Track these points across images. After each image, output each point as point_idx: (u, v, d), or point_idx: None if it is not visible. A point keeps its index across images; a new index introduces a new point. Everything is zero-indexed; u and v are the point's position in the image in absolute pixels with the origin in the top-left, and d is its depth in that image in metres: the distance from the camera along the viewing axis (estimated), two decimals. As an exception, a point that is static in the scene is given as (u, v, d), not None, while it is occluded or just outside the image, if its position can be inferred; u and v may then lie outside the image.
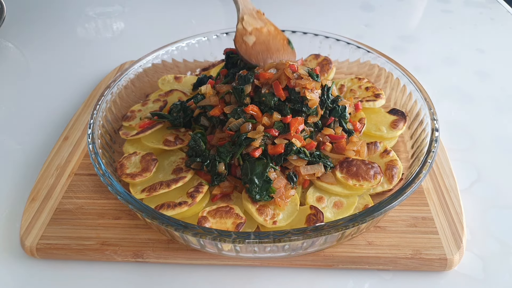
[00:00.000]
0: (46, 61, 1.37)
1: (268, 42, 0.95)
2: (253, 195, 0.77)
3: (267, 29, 0.96)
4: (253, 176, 0.78)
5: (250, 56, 0.93)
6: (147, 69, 1.08)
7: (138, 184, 0.84)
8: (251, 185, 0.78)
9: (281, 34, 0.98)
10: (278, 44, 0.96)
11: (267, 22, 0.98)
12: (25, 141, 1.06)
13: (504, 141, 1.02)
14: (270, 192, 0.78)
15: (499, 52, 1.35)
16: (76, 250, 0.77)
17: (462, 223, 0.79)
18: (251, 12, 0.97)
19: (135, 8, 1.67)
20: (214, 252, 0.74)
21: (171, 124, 0.94)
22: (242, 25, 0.95)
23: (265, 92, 0.85)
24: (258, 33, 0.95)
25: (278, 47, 0.96)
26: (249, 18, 0.95)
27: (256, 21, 0.96)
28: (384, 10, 1.61)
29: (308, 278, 0.76)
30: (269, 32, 0.96)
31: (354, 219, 0.67)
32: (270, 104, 0.84)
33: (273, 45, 0.96)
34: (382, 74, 1.05)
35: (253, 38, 0.94)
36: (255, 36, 0.94)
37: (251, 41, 0.93)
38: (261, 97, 0.85)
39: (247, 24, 0.94)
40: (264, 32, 0.95)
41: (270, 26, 0.97)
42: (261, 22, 0.96)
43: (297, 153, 0.81)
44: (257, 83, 0.85)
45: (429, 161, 0.77)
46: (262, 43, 0.95)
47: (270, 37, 0.96)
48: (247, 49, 0.93)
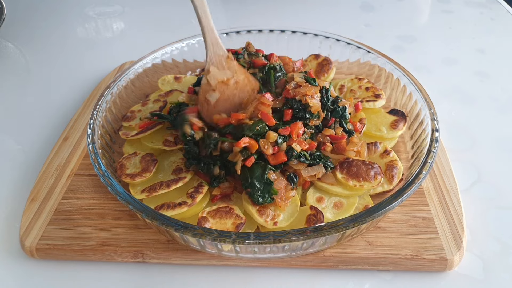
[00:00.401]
0: (46, 61, 1.37)
1: (233, 97, 0.88)
2: (256, 198, 0.77)
3: (235, 80, 0.88)
4: (253, 180, 0.77)
5: (211, 117, 0.86)
6: (147, 69, 1.08)
7: (138, 184, 0.83)
8: (253, 189, 0.77)
9: (251, 84, 0.90)
10: (244, 97, 0.88)
11: (237, 70, 0.89)
12: (25, 141, 1.06)
13: (505, 141, 1.02)
14: (272, 194, 0.77)
15: (500, 52, 1.35)
16: (76, 251, 0.77)
17: (462, 224, 0.79)
18: (220, 60, 0.88)
19: (135, 8, 1.67)
20: (214, 252, 0.73)
21: (171, 125, 0.94)
22: (207, 79, 0.87)
23: (253, 121, 0.81)
24: (224, 87, 0.87)
25: (243, 100, 0.88)
26: (215, 70, 0.87)
27: (224, 71, 0.88)
28: (384, 10, 1.61)
29: (308, 278, 0.76)
30: (237, 83, 0.88)
31: (354, 219, 0.67)
32: (263, 130, 0.81)
33: (238, 100, 0.88)
34: (382, 74, 1.05)
35: (217, 95, 0.86)
36: (219, 92, 0.86)
37: (214, 98, 0.86)
38: (250, 130, 0.80)
39: (211, 78, 0.86)
40: (230, 86, 0.87)
41: (240, 75, 0.89)
42: (230, 72, 0.88)
43: (298, 157, 0.81)
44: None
45: (429, 162, 0.76)
46: (226, 100, 0.87)
47: (236, 90, 0.88)
48: (208, 109, 0.86)
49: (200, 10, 0.86)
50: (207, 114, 0.87)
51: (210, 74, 0.87)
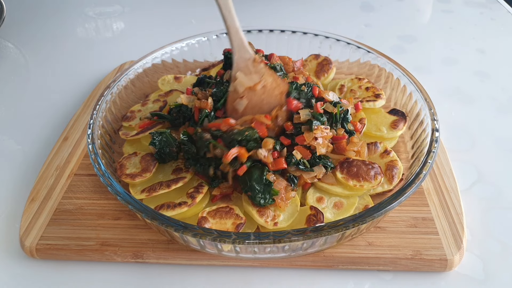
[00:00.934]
0: (46, 61, 1.37)
1: (261, 103, 0.84)
2: (257, 201, 0.76)
3: (263, 84, 0.84)
4: (253, 183, 0.77)
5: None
6: (147, 69, 1.08)
7: (138, 184, 0.83)
8: (253, 192, 0.77)
9: (279, 87, 0.86)
10: (273, 103, 0.85)
11: (265, 73, 0.85)
12: (25, 141, 1.06)
13: (505, 141, 1.02)
14: (273, 195, 0.77)
15: (500, 52, 1.35)
16: (76, 251, 0.77)
17: (462, 224, 0.79)
18: (246, 64, 0.85)
19: (135, 8, 1.67)
20: (214, 252, 0.73)
21: (171, 125, 0.94)
22: (234, 86, 0.84)
23: (244, 127, 0.80)
24: (251, 93, 0.83)
25: (273, 107, 0.85)
26: (242, 75, 0.84)
27: (250, 76, 0.84)
28: (384, 10, 1.61)
29: (308, 278, 0.76)
30: (265, 88, 0.84)
31: (354, 219, 0.67)
32: (253, 136, 0.79)
33: (267, 106, 0.84)
34: (382, 74, 1.05)
35: (245, 102, 0.83)
36: (247, 99, 0.83)
37: (241, 106, 0.83)
38: (239, 134, 0.79)
39: (239, 84, 0.83)
40: (258, 92, 0.83)
41: (267, 77, 0.85)
42: (257, 75, 0.84)
43: (297, 164, 0.81)
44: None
45: (430, 162, 0.76)
46: (254, 106, 0.84)
47: (264, 95, 0.84)
48: (236, 118, 0.84)
49: (225, 10, 0.82)
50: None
51: (237, 81, 0.84)
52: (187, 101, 0.91)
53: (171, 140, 0.85)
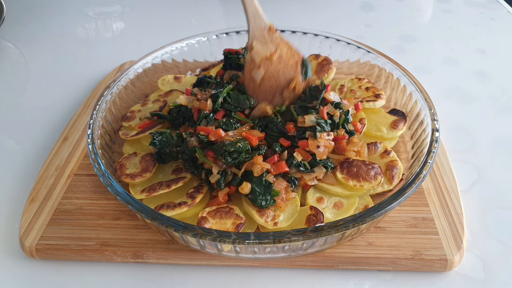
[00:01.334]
0: (46, 61, 1.37)
1: (277, 73, 0.84)
2: (259, 203, 0.76)
3: (279, 54, 0.84)
4: (253, 185, 0.77)
5: (258, 96, 0.86)
6: (147, 69, 1.08)
7: (138, 184, 0.83)
8: (253, 194, 0.77)
9: (294, 57, 0.87)
10: (289, 73, 0.85)
11: (280, 43, 0.85)
12: (25, 141, 1.06)
13: (505, 141, 1.02)
14: (274, 196, 0.77)
15: (500, 52, 1.35)
16: (76, 251, 0.77)
17: (462, 224, 0.79)
18: (262, 33, 0.84)
19: (135, 8, 1.67)
20: (214, 252, 0.73)
21: (171, 125, 0.94)
22: (251, 56, 0.83)
23: (236, 138, 0.80)
24: (268, 63, 0.83)
25: (288, 77, 0.85)
26: (259, 45, 0.83)
27: (266, 45, 0.83)
28: (384, 10, 1.61)
29: (308, 278, 0.76)
30: (281, 58, 0.84)
31: (354, 219, 0.67)
32: (245, 148, 0.78)
33: (283, 77, 0.85)
34: (382, 74, 1.05)
35: (262, 72, 0.83)
36: (264, 69, 0.83)
37: (259, 76, 0.83)
38: (231, 146, 0.78)
39: (255, 54, 0.83)
40: (274, 62, 0.83)
41: (283, 47, 0.85)
42: (273, 44, 0.84)
43: (297, 166, 0.81)
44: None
45: (430, 162, 0.76)
46: (271, 77, 0.84)
47: (280, 65, 0.84)
48: (254, 87, 0.85)
49: None
50: (253, 93, 0.86)
51: (254, 51, 0.83)
52: (186, 101, 0.91)
53: (171, 140, 0.85)
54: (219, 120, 0.86)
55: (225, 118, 0.86)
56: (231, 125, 0.84)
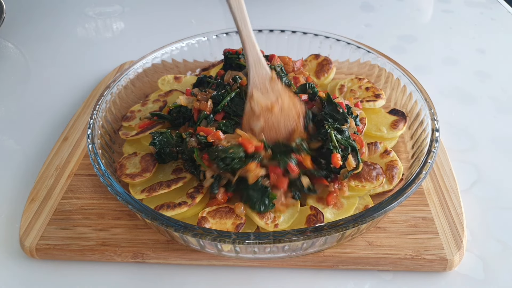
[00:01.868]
0: (46, 61, 1.37)
1: (278, 125, 0.80)
2: (257, 208, 0.75)
3: (280, 105, 0.79)
4: (249, 191, 0.76)
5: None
6: (147, 69, 1.08)
7: (137, 184, 0.83)
8: (251, 201, 0.76)
9: (296, 108, 0.82)
10: (290, 124, 0.80)
11: (282, 93, 0.81)
12: (25, 141, 1.06)
13: (505, 141, 1.02)
14: (272, 199, 0.76)
15: (500, 52, 1.35)
16: (76, 251, 0.77)
17: (462, 224, 0.79)
18: (263, 82, 0.81)
19: (135, 8, 1.67)
20: (214, 252, 0.73)
21: (171, 125, 0.94)
22: (250, 105, 0.79)
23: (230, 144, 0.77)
24: (268, 114, 0.79)
25: (290, 130, 0.80)
26: (259, 94, 0.80)
27: (267, 95, 0.79)
28: (384, 10, 1.61)
29: (308, 278, 0.76)
30: (282, 109, 0.80)
31: (354, 219, 0.67)
32: (238, 155, 0.76)
33: (284, 129, 0.80)
34: (382, 74, 1.05)
35: (261, 123, 0.79)
36: (263, 120, 0.79)
37: (258, 127, 0.79)
38: (223, 152, 0.76)
39: (255, 104, 0.79)
40: (275, 112, 0.79)
41: (284, 97, 0.81)
42: (274, 94, 0.80)
43: (301, 188, 0.79)
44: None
45: (430, 162, 0.76)
46: (271, 129, 0.80)
47: (282, 117, 0.80)
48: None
49: (241, 23, 0.78)
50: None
51: (254, 100, 0.80)
52: (186, 102, 0.90)
53: (171, 140, 0.85)
54: (219, 122, 0.85)
55: (225, 120, 0.86)
56: (231, 126, 0.84)
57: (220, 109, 0.86)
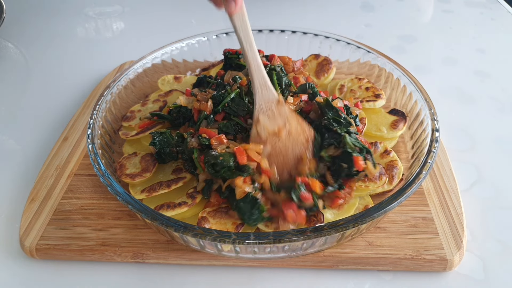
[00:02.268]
0: (46, 61, 1.37)
1: (286, 151, 0.77)
2: (246, 220, 0.74)
3: (287, 130, 0.77)
4: (239, 202, 0.74)
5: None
6: (147, 69, 1.08)
7: (137, 184, 0.83)
8: (240, 211, 0.74)
9: (304, 133, 0.79)
10: (298, 149, 0.78)
11: (289, 116, 0.79)
12: (25, 141, 1.06)
13: (505, 141, 1.02)
14: (261, 211, 0.73)
15: (500, 52, 1.35)
16: (76, 251, 0.77)
17: (462, 224, 0.79)
18: (270, 107, 0.78)
19: (135, 8, 1.67)
20: (214, 252, 0.73)
21: (171, 125, 0.94)
22: (257, 130, 0.77)
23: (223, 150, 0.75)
24: (275, 140, 0.77)
25: (298, 154, 0.77)
26: (266, 119, 0.77)
27: (274, 120, 0.77)
28: (384, 10, 1.61)
29: (308, 278, 0.76)
30: (289, 134, 0.77)
31: (354, 219, 0.67)
32: (228, 163, 0.73)
33: (292, 155, 0.77)
34: (382, 74, 1.05)
35: (268, 149, 0.76)
36: (270, 145, 0.77)
37: (265, 153, 0.76)
38: (213, 158, 0.74)
39: (262, 129, 0.76)
40: (282, 138, 0.77)
41: (292, 122, 0.78)
42: (281, 119, 0.77)
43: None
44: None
45: (430, 162, 0.76)
46: (278, 154, 0.77)
47: (289, 142, 0.77)
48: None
49: (246, 44, 0.77)
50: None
51: (260, 125, 0.78)
52: (186, 102, 0.90)
53: (171, 140, 0.85)
54: (219, 122, 0.85)
55: (225, 121, 0.86)
56: (231, 127, 0.84)
57: (220, 109, 0.86)
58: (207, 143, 0.79)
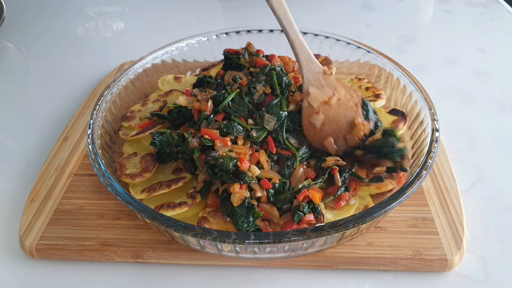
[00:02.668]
0: (46, 61, 1.37)
1: (338, 117, 0.80)
2: (240, 225, 0.73)
3: (337, 98, 0.81)
4: (234, 206, 0.73)
5: (319, 141, 0.81)
6: (147, 69, 1.08)
7: (138, 184, 0.83)
8: (234, 216, 0.73)
9: (353, 98, 0.83)
10: (350, 116, 0.81)
11: (337, 86, 0.82)
12: (25, 141, 1.06)
13: (505, 141, 1.02)
14: (256, 218, 0.73)
15: (500, 52, 1.35)
16: (76, 251, 0.77)
17: (462, 224, 0.79)
18: (317, 78, 0.82)
19: (135, 8, 1.67)
20: (214, 252, 0.73)
21: (171, 125, 0.94)
22: (308, 101, 0.80)
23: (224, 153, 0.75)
24: (327, 108, 0.80)
25: (350, 120, 0.81)
26: (315, 90, 0.81)
27: (323, 90, 0.81)
28: (384, 10, 1.61)
29: (308, 278, 0.76)
30: (339, 101, 0.81)
31: (354, 219, 0.67)
32: (227, 167, 0.73)
33: (344, 120, 0.81)
34: (382, 74, 1.05)
35: (321, 118, 0.80)
36: (323, 114, 0.80)
37: (319, 122, 0.80)
38: (213, 159, 0.74)
39: (313, 100, 0.80)
40: (333, 105, 0.80)
41: (340, 90, 0.82)
42: (329, 88, 0.81)
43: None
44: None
45: (430, 162, 0.76)
46: (331, 121, 0.80)
47: (340, 109, 0.81)
48: (314, 133, 0.82)
49: (286, 23, 0.79)
50: (314, 138, 0.83)
51: (311, 96, 0.81)
52: (186, 102, 0.90)
53: (171, 140, 0.85)
54: (220, 123, 0.85)
55: (226, 121, 0.85)
56: (232, 127, 0.84)
57: (220, 109, 0.86)
58: (209, 144, 0.79)
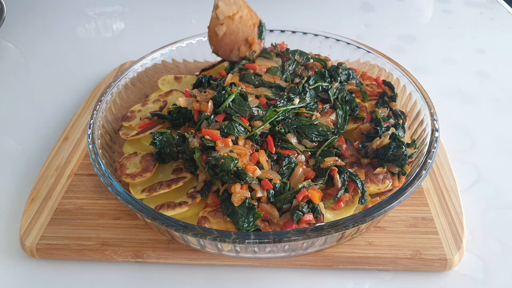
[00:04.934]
0: (46, 61, 1.37)
1: (237, 31, 0.98)
2: (240, 225, 0.73)
3: (240, 15, 0.97)
4: (236, 208, 0.73)
5: (219, 49, 0.99)
6: (147, 69, 1.08)
7: (138, 184, 0.83)
8: (235, 215, 0.73)
9: (253, 18, 1.00)
10: (247, 32, 0.99)
11: (242, 5, 0.99)
12: (25, 141, 1.06)
13: (504, 141, 1.02)
14: (257, 218, 0.73)
15: (500, 52, 1.35)
16: (76, 251, 0.77)
17: (462, 224, 0.79)
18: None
19: (135, 8, 1.67)
20: (214, 252, 0.73)
21: (171, 125, 0.94)
22: (216, 13, 0.97)
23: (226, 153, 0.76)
24: (230, 21, 0.97)
25: (246, 35, 0.99)
26: (223, 4, 0.96)
27: (230, 6, 0.97)
28: (384, 10, 1.61)
29: (308, 278, 0.76)
30: (241, 18, 0.97)
31: (354, 219, 0.67)
32: (228, 167, 0.74)
33: (242, 35, 0.99)
34: (382, 74, 1.05)
35: (224, 29, 0.97)
36: (226, 26, 0.96)
37: (221, 32, 0.97)
38: (215, 160, 0.74)
39: (220, 13, 0.96)
40: (235, 20, 0.97)
41: (244, 9, 0.99)
42: (235, 6, 0.97)
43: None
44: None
45: (429, 161, 0.76)
46: (231, 33, 0.98)
47: (240, 25, 0.98)
48: (217, 41, 0.98)
49: None
50: (215, 45, 1.00)
51: (219, 9, 0.96)
52: (186, 103, 0.90)
53: (171, 140, 0.85)
54: (220, 123, 0.85)
55: (226, 121, 0.85)
56: (233, 128, 0.84)
57: (221, 110, 0.85)
58: (210, 144, 0.79)
